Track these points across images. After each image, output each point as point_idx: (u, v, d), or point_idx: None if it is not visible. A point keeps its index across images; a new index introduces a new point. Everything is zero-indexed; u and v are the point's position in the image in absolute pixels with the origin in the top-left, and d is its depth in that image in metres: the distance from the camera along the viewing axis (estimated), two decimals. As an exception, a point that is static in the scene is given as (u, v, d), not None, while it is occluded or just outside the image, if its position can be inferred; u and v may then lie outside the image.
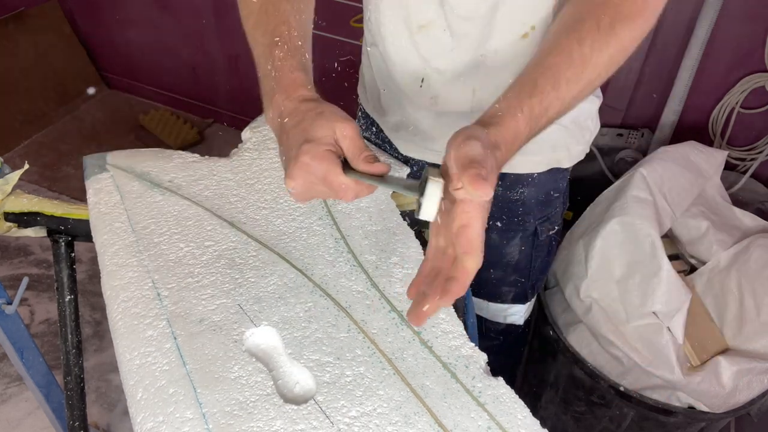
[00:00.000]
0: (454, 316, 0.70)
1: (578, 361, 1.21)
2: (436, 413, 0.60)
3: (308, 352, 0.65)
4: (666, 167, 1.23)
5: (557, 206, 0.99)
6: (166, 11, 2.40)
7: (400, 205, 0.86)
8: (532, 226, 0.97)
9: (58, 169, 2.39)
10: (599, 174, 1.77)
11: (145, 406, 0.60)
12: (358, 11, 1.92)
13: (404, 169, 0.91)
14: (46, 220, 0.81)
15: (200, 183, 0.84)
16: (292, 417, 0.59)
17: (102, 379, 1.66)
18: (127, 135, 2.58)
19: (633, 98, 1.75)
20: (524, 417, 0.61)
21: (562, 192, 0.98)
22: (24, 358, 1.05)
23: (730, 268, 1.17)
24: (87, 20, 2.68)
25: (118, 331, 0.66)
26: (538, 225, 0.98)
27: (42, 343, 1.73)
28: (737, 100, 1.59)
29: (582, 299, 1.18)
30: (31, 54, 2.53)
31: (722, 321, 1.17)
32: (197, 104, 2.67)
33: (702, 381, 1.08)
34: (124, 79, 2.80)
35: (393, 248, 0.77)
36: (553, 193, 0.96)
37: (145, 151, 0.89)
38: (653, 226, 1.12)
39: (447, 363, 0.65)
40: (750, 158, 1.63)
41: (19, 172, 0.82)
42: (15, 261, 1.99)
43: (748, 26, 1.50)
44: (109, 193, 0.81)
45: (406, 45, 0.82)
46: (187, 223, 0.78)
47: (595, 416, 1.27)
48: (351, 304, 0.70)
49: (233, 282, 0.72)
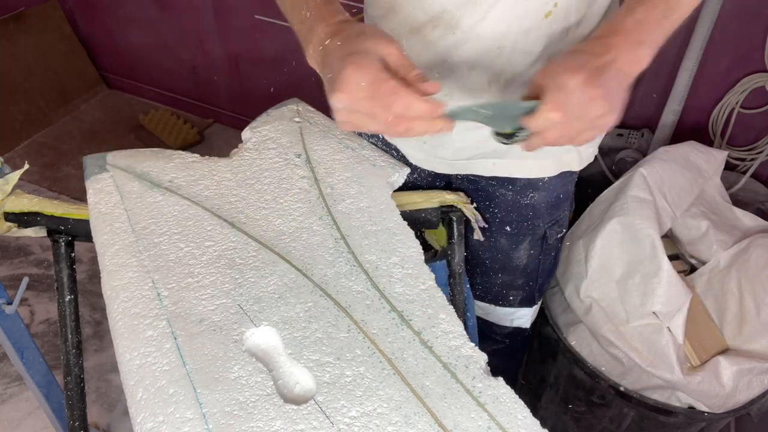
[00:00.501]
0: (455, 316, 0.70)
1: (578, 361, 1.21)
2: (436, 413, 0.60)
3: (308, 352, 0.65)
4: (666, 167, 1.23)
5: (565, 209, 0.98)
6: (166, 11, 2.40)
7: (400, 205, 0.86)
8: (542, 230, 0.97)
9: (58, 169, 2.39)
10: (599, 174, 1.77)
11: (145, 406, 0.60)
12: (358, 10, 1.92)
13: (404, 169, 0.91)
14: (46, 220, 0.81)
15: (200, 183, 0.84)
16: (292, 417, 0.59)
17: (102, 379, 1.66)
18: (127, 135, 2.58)
19: (633, 98, 1.74)
20: (524, 417, 0.61)
21: (570, 195, 0.98)
22: (24, 358, 1.05)
23: (730, 268, 1.17)
24: (87, 20, 2.68)
25: (118, 331, 0.66)
26: (548, 228, 0.97)
27: (42, 343, 1.73)
28: (737, 100, 1.59)
29: (582, 299, 1.18)
30: (31, 54, 2.53)
31: (722, 321, 1.17)
32: (197, 104, 2.67)
33: (702, 381, 1.08)
34: (124, 79, 2.80)
35: (393, 248, 0.77)
36: (563, 197, 0.95)
37: (145, 151, 0.89)
38: (653, 226, 1.12)
39: (447, 363, 0.65)
40: (750, 158, 1.63)
41: (19, 172, 0.82)
42: (15, 261, 1.99)
43: (748, 26, 1.50)
44: (109, 193, 0.81)
45: (415, 43, 0.80)
46: (187, 223, 0.78)
47: (595, 416, 1.27)
48: (351, 304, 0.70)
49: (233, 282, 0.72)
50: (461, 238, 0.91)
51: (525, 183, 0.91)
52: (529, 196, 0.92)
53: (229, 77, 2.48)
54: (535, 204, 0.93)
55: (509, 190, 0.92)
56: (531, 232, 0.96)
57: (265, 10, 2.13)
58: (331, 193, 0.84)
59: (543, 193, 0.92)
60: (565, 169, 0.90)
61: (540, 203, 0.93)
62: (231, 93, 2.54)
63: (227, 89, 2.53)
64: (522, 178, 0.90)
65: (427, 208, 0.89)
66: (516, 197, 0.92)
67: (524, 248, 0.98)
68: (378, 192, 0.85)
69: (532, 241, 0.97)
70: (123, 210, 0.79)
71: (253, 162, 0.89)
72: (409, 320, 0.69)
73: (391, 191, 0.87)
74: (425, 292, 0.72)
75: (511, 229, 0.96)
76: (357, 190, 0.85)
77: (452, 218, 0.90)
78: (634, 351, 1.10)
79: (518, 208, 0.94)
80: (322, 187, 0.85)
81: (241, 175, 0.86)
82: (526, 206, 0.93)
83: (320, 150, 0.91)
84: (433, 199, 0.90)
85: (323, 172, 0.87)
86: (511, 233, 0.96)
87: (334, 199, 0.83)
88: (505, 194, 0.92)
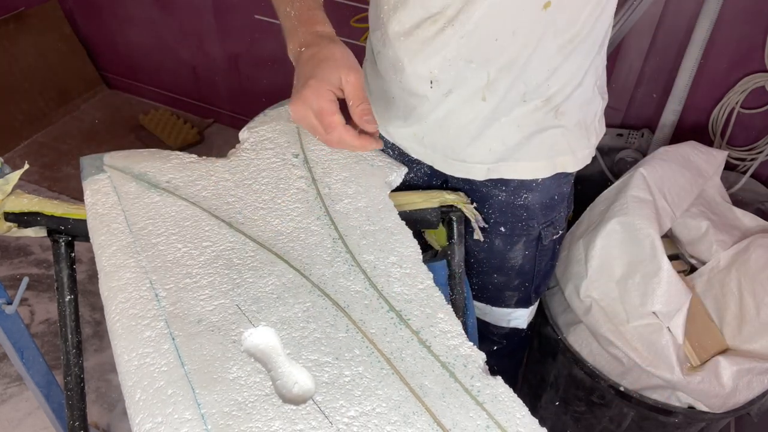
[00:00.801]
0: (453, 316, 0.70)
1: (578, 361, 1.21)
2: (435, 412, 0.60)
3: (307, 352, 0.65)
4: (666, 167, 1.22)
5: (561, 210, 0.98)
6: (167, 11, 2.40)
7: (399, 206, 0.85)
8: (536, 231, 0.96)
9: (58, 169, 2.39)
10: (599, 174, 1.77)
11: (144, 407, 0.60)
12: (358, 11, 1.92)
13: (402, 169, 0.91)
14: (46, 220, 0.81)
15: (198, 183, 0.84)
16: (290, 417, 0.59)
17: (102, 379, 1.66)
18: (127, 135, 2.58)
19: (633, 98, 1.75)
20: (523, 416, 0.61)
21: (566, 196, 0.97)
22: (24, 358, 1.05)
23: (730, 268, 1.17)
24: (87, 20, 2.68)
25: (116, 332, 0.66)
26: (543, 230, 0.97)
27: (42, 343, 1.73)
28: (737, 100, 1.59)
29: (582, 299, 1.18)
30: (31, 54, 2.53)
31: (722, 321, 1.17)
32: (197, 104, 2.67)
33: (702, 381, 1.08)
34: (124, 79, 2.80)
35: (391, 248, 0.77)
36: (558, 198, 0.95)
37: (142, 152, 0.89)
38: (653, 226, 1.12)
39: (445, 362, 0.65)
40: (750, 158, 1.63)
41: (19, 172, 0.82)
42: (15, 261, 1.99)
43: (748, 26, 1.50)
44: (106, 194, 0.81)
45: (412, 42, 0.81)
46: (185, 223, 0.78)
47: (595, 416, 1.27)
48: (349, 304, 0.70)
49: (231, 282, 0.71)
50: (461, 238, 0.91)
51: (518, 184, 0.91)
52: (523, 197, 0.92)
53: (229, 77, 2.48)
54: (528, 205, 0.93)
55: (502, 191, 0.92)
56: (526, 233, 0.96)
57: (265, 10, 2.14)
58: (329, 193, 0.84)
59: (537, 194, 0.92)
60: (560, 171, 0.90)
61: (534, 204, 0.93)
62: (231, 93, 2.54)
63: (227, 89, 2.53)
64: (515, 179, 0.90)
65: (427, 208, 0.89)
66: (509, 198, 0.92)
67: (519, 249, 0.98)
68: (376, 192, 0.85)
69: (527, 242, 0.97)
70: (120, 211, 0.79)
71: (250, 162, 0.88)
72: (407, 320, 0.69)
73: (389, 191, 0.86)
74: (423, 291, 0.72)
75: (505, 229, 0.96)
76: (355, 189, 0.85)
77: (452, 218, 0.90)
78: (634, 351, 1.10)
79: (512, 209, 0.94)
80: (319, 187, 0.85)
81: (238, 175, 0.86)
82: (519, 207, 0.93)
83: (318, 150, 0.91)
84: (433, 199, 0.90)
85: (321, 172, 0.87)
86: (505, 234, 0.96)
87: (332, 199, 0.83)
88: (499, 195, 0.92)
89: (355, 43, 1.96)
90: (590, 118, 0.89)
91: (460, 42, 0.76)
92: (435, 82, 0.82)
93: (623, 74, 1.71)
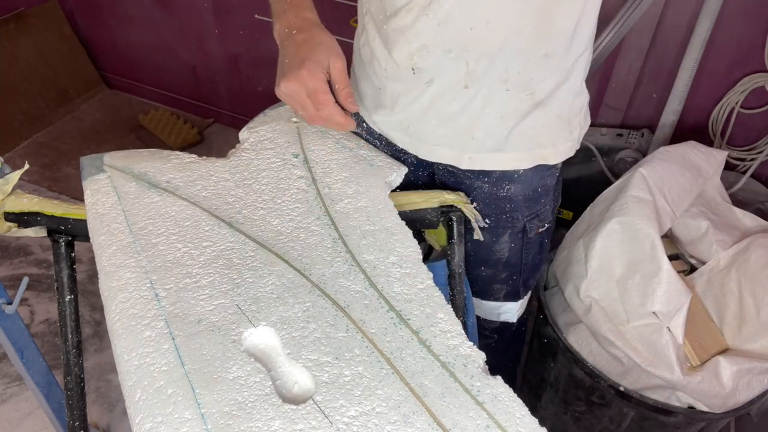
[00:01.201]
0: (453, 315, 0.70)
1: (578, 361, 1.21)
2: (435, 412, 0.60)
3: (307, 351, 0.65)
4: (666, 167, 1.22)
5: (546, 203, 0.98)
6: (167, 11, 2.40)
7: (399, 206, 0.86)
8: (521, 224, 0.97)
9: (58, 169, 2.39)
10: (599, 174, 1.77)
11: (144, 406, 0.60)
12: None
13: (402, 168, 0.91)
14: (46, 220, 0.81)
15: (198, 183, 0.84)
16: (290, 417, 0.59)
17: (102, 379, 1.66)
18: (127, 135, 2.58)
19: (633, 98, 1.75)
20: (522, 416, 0.61)
21: (551, 189, 0.98)
22: (24, 358, 1.05)
23: (730, 268, 1.17)
24: (87, 20, 2.68)
25: (116, 332, 0.66)
26: (527, 222, 0.97)
27: (42, 343, 1.73)
28: (737, 100, 1.59)
29: (582, 299, 1.18)
30: (31, 54, 2.53)
31: (722, 321, 1.17)
32: (197, 104, 2.67)
33: (702, 381, 1.08)
34: (124, 79, 2.80)
35: (391, 248, 0.77)
36: (541, 190, 0.95)
37: (142, 152, 0.89)
38: (653, 226, 1.12)
39: (445, 362, 0.65)
40: (750, 158, 1.63)
41: (19, 172, 0.82)
42: (15, 261, 1.99)
43: (748, 26, 1.50)
44: (106, 194, 0.81)
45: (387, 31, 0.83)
46: (185, 223, 0.78)
47: (595, 416, 1.27)
48: (349, 304, 0.70)
49: (231, 282, 0.72)
50: (461, 238, 0.91)
51: (500, 175, 0.92)
52: (506, 189, 0.93)
53: (229, 77, 2.48)
54: (512, 197, 0.94)
55: (485, 182, 0.93)
56: (510, 225, 0.97)
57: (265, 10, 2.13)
58: (329, 193, 0.84)
59: (519, 186, 0.93)
60: (540, 162, 0.91)
61: (517, 196, 0.94)
62: (231, 93, 2.54)
63: (227, 89, 2.53)
64: (496, 170, 0.91)
65: (427, 208, 0.89)
66: (492, 189, 0.93)
67: (505, 241, 0.99)
68: (376, 192, 0.85)
69: (512, 234, 0.98)
70: (120, 211, 0.79)
71: (250, 162, 0.88)
72: (407, 319, 0.69)
73: (389, 191, 0.87)
74: (423, 291, 0.72)
75: (490, 221, 0.97)
76: (355, 189, 0.85)
77: (452, 218, 0.90)
78: (634, 351, 1.10)
79: (496, 201, 0.94)
80: (319, 187, 0.85)
81: (238, 175, 0.86)
82: (503, 199, 0.94)
83: (318, 150, 0.91)
84: (433, 199, 0.90)
85: (321, 172, 0.87)
86: (490, 226, 0.97)
87: (332, 198, 0.83)
88: (482, 186, 0.93)
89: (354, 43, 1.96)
90: (575, 112, 0.90)
91: (437, 30, 0.78)
92: (417, 70, 0.83)
93: (623, 74, 1.71)
